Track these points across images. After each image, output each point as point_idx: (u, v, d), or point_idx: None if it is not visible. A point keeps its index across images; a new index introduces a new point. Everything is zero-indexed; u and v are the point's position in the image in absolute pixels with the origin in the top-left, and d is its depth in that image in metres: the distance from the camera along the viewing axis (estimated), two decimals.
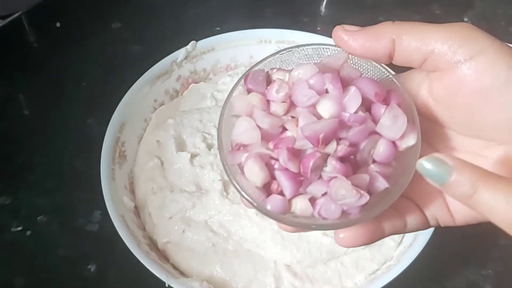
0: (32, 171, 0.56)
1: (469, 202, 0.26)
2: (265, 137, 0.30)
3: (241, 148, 0.31)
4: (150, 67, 0.56)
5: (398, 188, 0.30)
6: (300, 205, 0.30)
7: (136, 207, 0.51)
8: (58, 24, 0.69)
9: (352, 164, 0.30)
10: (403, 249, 0.47)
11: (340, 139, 0.30)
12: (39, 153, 0.58)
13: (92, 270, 0.50)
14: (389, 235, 0.32)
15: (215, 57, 0.59)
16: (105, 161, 0.49)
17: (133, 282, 0.49)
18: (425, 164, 0.26)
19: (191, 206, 0.49)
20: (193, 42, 0.57)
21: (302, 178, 0.30)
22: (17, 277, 0.50)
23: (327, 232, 0.47)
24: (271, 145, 0.30)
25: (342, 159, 0.29)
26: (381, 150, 0.30)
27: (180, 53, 0.57)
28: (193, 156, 0.51)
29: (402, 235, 0.49)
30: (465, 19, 0.72)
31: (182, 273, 0.47)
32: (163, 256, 0.48)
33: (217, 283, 0.46)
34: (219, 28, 0.67)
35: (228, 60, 0.60)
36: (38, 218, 0.53)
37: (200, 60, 0.59)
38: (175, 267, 0.48)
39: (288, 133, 0.30)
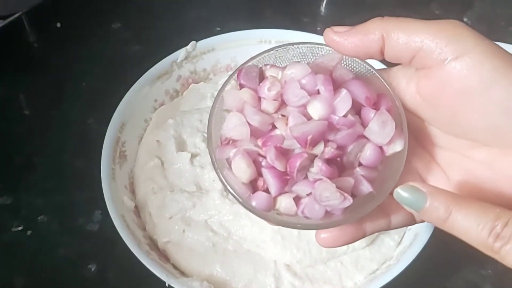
0: (32, 171, 0.56)
1: (444, 225, 0.27)
2: (255, 133, 0.31)
3: (230, 143, 0.31)
4: (150, 67, 0.55)
5: (382, 192, 0.30)
6: (285, 203, 0.30)
7: (136, 207, 0.51)
8: (58, 24, 0.69)
9: (338, 166, 0.31)
10: (403, 248, 0.47)
11: (328, 141, 0.30)
12: (39, 153, 0.58)
13: (92, 270, 0.50)
14: (371, 234, 0.33)
15: (215, 57, 0.59)
16: (105, 161, 0.49)
17: (133, 282, 0.49)
18: (402, 193, 0.28)
19: (191, 206, 0.49)
20: (193, 42, 0.57)
21: (288, 177, 0.30)
22: (17, 277, 0.50)
23: None
24: (260, 142, 0.30)
25: (329, 161, 0.30)
26: (368, 154, 0.30)
27: (180, 53, 0.57)
28: (193, 156, 0.51)
29: (402, 234, 0.49)
30: (465, 19, 0.72)
31: (182, 273, 0.47)
32: (163, 256, 0.48)
33: (217, 283, 0.46)
34: (219, 28, 0.67)
35: (228, 60, 0.60)
36: (38, 218, 0.53)
37: (200, 60, 0.59)
38: (175, 267, 0.48)
39: (277, 131, 0.31)
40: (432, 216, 0.27)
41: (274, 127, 0.31)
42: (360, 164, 0.31)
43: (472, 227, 0.26)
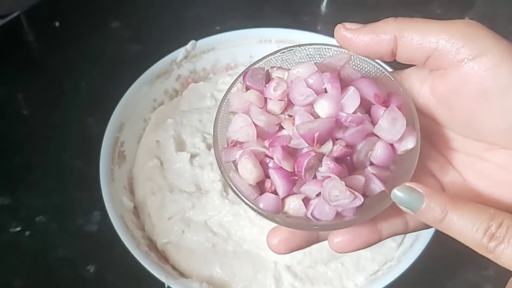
0: (31, 171, 0.56)
1: (440, 225, 0.27)
2: (261, 135, 0.30)
3: (237, 145, 0.30)
4: (150, 66, 0.55)
5: None
6: (293, 205, 0.29)
7: (135, 207, 0.50)
8: (57, 24, 0.69)
9: (349, 165, 0.30)
10: (404, 249, 0.47)
11: (336, 139, 0.29)
12: (38, 153, 0.57)
13: (91, 270, 0.50)
14: (388, 237, 0.32)
15: (215, 57, 0.59)
16: (104, 161, 0.49)
17: (132, 283, 0.49)
18: (398, 193, 0.28)
19: (191, 206, 0.48)
20: (192, 41, 0.57)
21: (296, 178, 0.29)
22: (16, 278, 0.49)
23: None
24: (267, 143, 0.30)
25: (338, 160, 0.29)
26: (379, 152, 0.30)
27: (179, 53, 0.57)
28: (192, 156, 0.51)
29: (403, 235, 0.49)
30: (466, 18, 0.71)
31: (182, 274, 0.47)
32: (162, 257, 0.48)
33: (217, 284, 0.46)
34: (219, 27, 0.67)
35: (228, 60, 0.59)
36: (37, 219, 0.53)
37: (199, 60, 0.58)
38: (174, 268, 0.47)
39: (284, 132, 0.30)
40: (428, 217, 0.27)
41: (281, 128, 0.30)
42: (371, 164, 0.30)
43: (467, 227, 0.26)
